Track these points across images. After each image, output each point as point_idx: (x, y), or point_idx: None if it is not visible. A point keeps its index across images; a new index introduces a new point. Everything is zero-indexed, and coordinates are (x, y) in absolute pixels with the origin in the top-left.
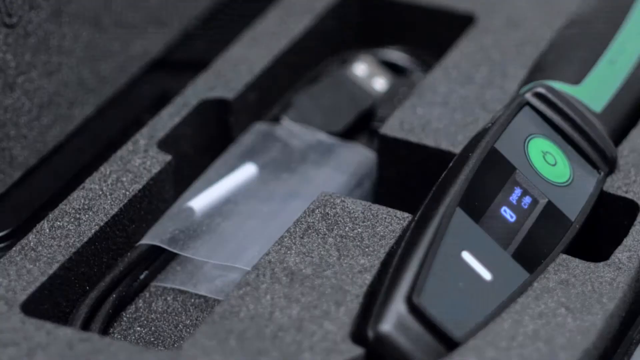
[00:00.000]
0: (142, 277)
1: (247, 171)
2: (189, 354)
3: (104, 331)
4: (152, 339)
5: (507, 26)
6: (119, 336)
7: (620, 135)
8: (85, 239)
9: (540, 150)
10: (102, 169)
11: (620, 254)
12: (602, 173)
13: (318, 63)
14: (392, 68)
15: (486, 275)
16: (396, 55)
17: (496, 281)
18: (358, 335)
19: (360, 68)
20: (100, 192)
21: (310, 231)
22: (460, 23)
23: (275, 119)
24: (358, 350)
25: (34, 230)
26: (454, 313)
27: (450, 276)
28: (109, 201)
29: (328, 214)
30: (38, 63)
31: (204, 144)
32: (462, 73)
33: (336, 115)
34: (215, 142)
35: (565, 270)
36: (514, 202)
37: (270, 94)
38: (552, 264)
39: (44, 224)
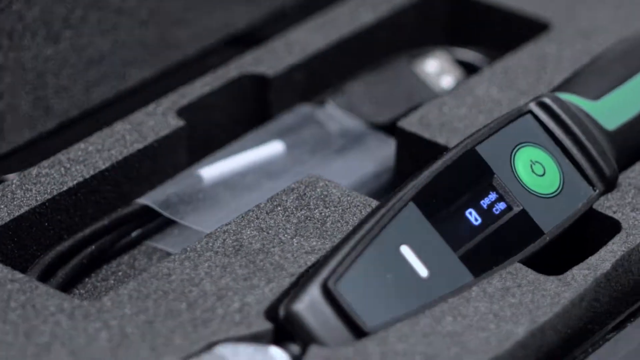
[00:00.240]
0: (134, 235)
1: (272, 148)
2: (104, 306)
3: (73, 279)
4: None
5: (578, 37)
6: (91, 286)
7: (633, 156)
8: (65, 188)
9: (529, 159)
10: (114, 125)
11: (577, 271)
12: (597, 191)
13: (389, 55)
14: (468, 68)
15: (422, 271)
16: (472, 55)
17: (432, 279)
18: (271, 311)
19: (431, 64)
20: (100, 147)
21: (278, 209)
22: (535, 29)
23: (323, 103)
24: (267, 326)
25: (21, 174)
26: (372, 303)
27: (379, 267)
28: (104, 156)
29: (305, 195)
30: (91, 19)
31: (239, 118)
32: (507, 78)
33: (386, 106)
34: (252, 117)
35: (512, 278)
36: (485, 206)
37: (324, 78)
38: (502, 271)
39: (33, 170)
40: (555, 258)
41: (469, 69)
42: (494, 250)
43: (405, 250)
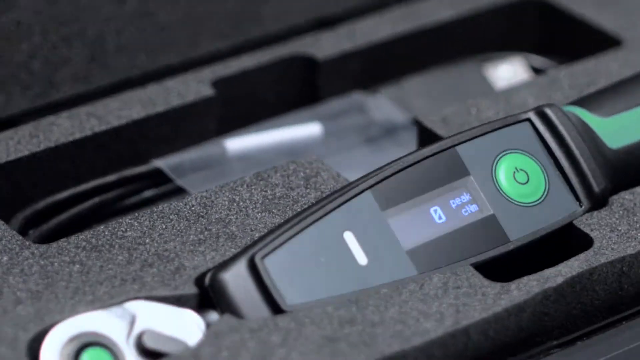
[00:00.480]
0: (145, 195)
1: (308, 130)
2: (49, 250)
3: (64, 231)
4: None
5: None
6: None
7: (636, 178)
8: (71, 139)
9: (515, 166)
10: (147, 87)
11: (526, 281)
12: (583, 207)
13: (462, 55)
14: None
15: (362, 259)
16: (549, 64)
17: (370, 268)
18: (201, 278)
19: (505, 69)
20: (123, 105)
21: (260, 183)
22: (608, 44)
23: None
24: (192, 291)
25: (36, 123)
26: (299, 283)
27: (316, 249)
28: (123, 114)
29: (292, 174)
30: None
31: (284, 98)
32: (551, 88)
33: (440, 104)
34: (299, 99)
35: (454, 279)
36: (453, 205)
37: (385, 69)
38: (449, 272)
39: (51, 119)
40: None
41: None
42: (449, 250)
43: (349, 236)
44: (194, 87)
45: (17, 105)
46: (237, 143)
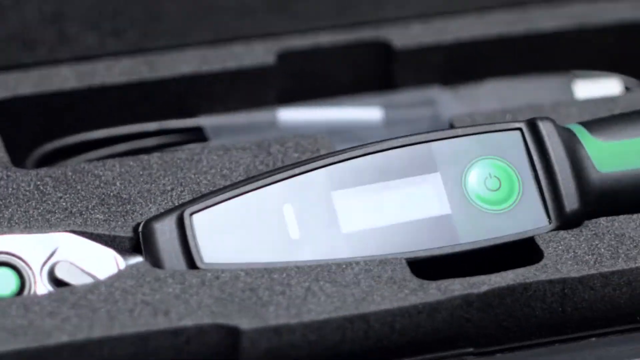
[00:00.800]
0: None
1: (366, 114)
2: (28, 175)
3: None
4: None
5: None
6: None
7: (621, 206)
8: (109, 82)
9: (488, 171)
10: (215, 46)
11: (451, 282)
12: (551, 224)
13: (558, 68)
14: None
15: (294, 233)
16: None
17: (300, 243)
18: (138, 224)
19: (597, 87)
20: (182, 60)
21: (244, 146)
22: None
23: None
24: (127, 234)
25: (88, 62)
26: (220, 244)
27: (250, 215)
28: (177, 67)
29: (280, 144)
30: None
31: (356, 79)
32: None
33: (514, 112)
34: (371, 83)
35: (379, 269)
36: (409, 198)
37: (471, 67)
38: (379, 261)
39: (105, 61)
40: None
41: None
42: (390, 240)
43: (288, 209)
44: (256, 54)
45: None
46: (290, 114)
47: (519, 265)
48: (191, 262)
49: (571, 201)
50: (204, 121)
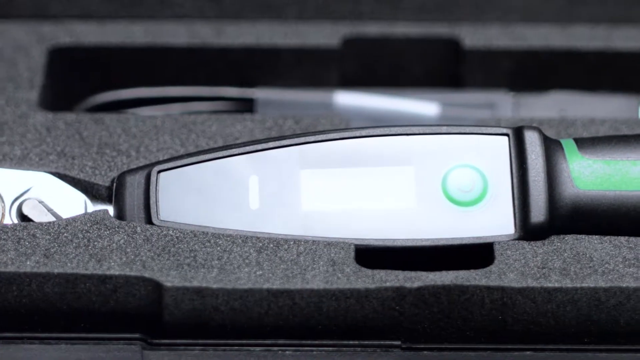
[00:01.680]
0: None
1: (423, 108)
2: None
3: None
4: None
5: None
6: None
7: (597, 227)
8: (178, 43)
9: (463, 173)
10: (286, 23)
11: (389, 274)
12: (515, 234)
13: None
14: None
15: (254, 204)
16: None
17: (257, 214)
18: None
19: None
20: (248, 32)
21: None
22: None
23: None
24: (103, 183)
25: (153, 23)
26: (180, 204)
27: (214, 182)
28: (241, 38)
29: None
30: None
31: (424, 74)
32: None
33: (566, 126)
34: (439, 79)
35: (323, 251)
36: (378, 188)
37: (544, 76)
38: (327, 243)
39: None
40: None
41: None
42: (345, 225)
43: (253, 180)
44: (321, 35)
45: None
46: (346, 98)
47: (474, 268)
48: (149, 217)
49: (537, 213)
50: (258, 93)
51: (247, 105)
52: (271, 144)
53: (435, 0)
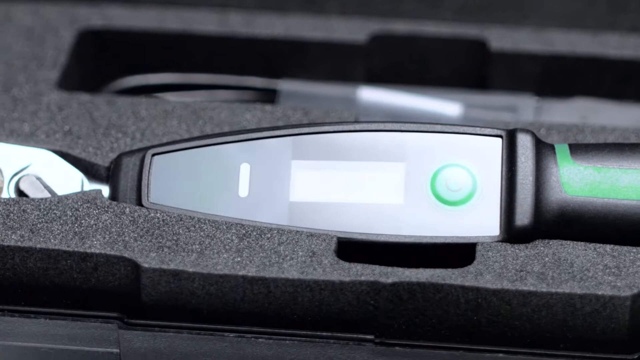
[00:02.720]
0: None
1: (446, 108)
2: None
3: None
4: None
5: None
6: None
7: (583, 233)
8: (204, 32)
9: (454, 172)
10: (316, 18)
11: (366, 268)
12: (498, 236)
13: None
14: None
15: (243, 192)
16: None
17: (245, 202)
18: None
19: None
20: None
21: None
22: None
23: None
24: (103, 163)
25: (185, 10)
26: (170, 188)
27: (206, 167)
28: (268, 26)
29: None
30: None
31: (451, 73)
32: None
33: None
34: (465, 79)
35: (305, 242)
36: (369, 182)
37: (570, 82)
38: (310, 234)
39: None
40: None
41: None
42: (331, 217)
43: (244, 168)
44: (348, 30)
45: None
46: (369, 94)
47: (456, 267)
48: (139, 199)
49: (522, 217)
50: (281, 85)
51: (270, 96)
52: (265, 133)
53: (475, 2)
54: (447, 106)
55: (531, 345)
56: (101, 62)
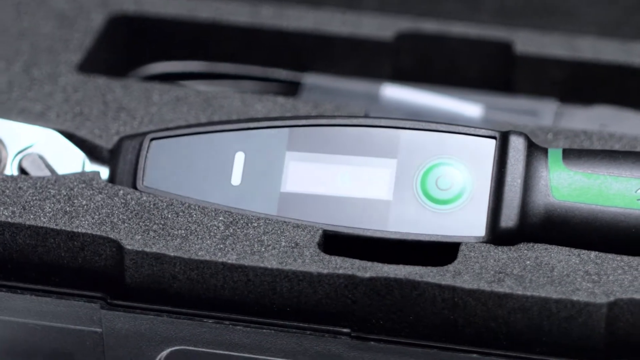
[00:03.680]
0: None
1: (466, 109)
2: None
3: None
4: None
5: None
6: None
7: (569, 239)
8: (234, 23)
9: (445, 170)
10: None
11: (345, 261)
12: (483, 237)
13: None
14: None
15: (236, 180)
16: None
17: (237, 191)
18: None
19: None
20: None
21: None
22: None
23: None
24: (106, 145)
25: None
26: (165, 172)
27: (203, 154)
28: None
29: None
30: None
31: (476, 74)
32: None
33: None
34: (490, 81)
35: (289, 233)
36: (362, 175)
37: (592, 90)
38: (295, 225)
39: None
40: None
41: None
42: (318, 209)
43: (239, 157)
44: (375, 27)
45: None
46: (392, 91)
47: (431, 263)
48: (134, 182)
49: (508, 219)
50: (305, 78)
51: (293, 89)
52: (262, 123)
53: (514, 5)
54: (468, 107)
55: (507, 348)
56: (130, 47)
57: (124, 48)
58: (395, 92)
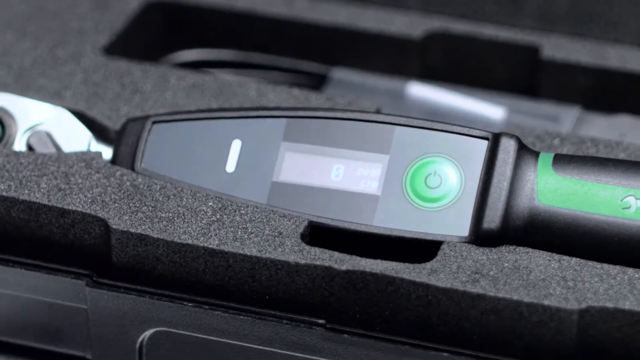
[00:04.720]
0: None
1: (489, 110)
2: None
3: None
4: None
5: None
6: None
7: (553, 244)
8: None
9: (435, 169)
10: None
11: (325, 253)
12: (466, 237)
13: None
14: None
15: (230, 167)
16: None
17: (230, 178)
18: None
19: None
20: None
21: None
22: None
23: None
24: (112, 126)
25: None
26: (163, 156)
27: (201, 140)
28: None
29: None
30: None
31: (498, 77)
32: None
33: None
34: (516, 84)
35: (274, 222)
36: (356, 171)
37: (618, 98)
38: (281, 215)
39: None
40: None
41: None
42: (306, 200)
43: (236, 144)
44: (404, 24)
45: None
46: (417, 90)
47: (413, 259)
48: (132, 164)
49: (491, 220)
50: (332, 72)
51: (320, 82)
52: (261, 112)
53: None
54: (490, 109)
55: (479, 348)
56: (163, 33)
57: (158, 34)
58: (419, 91)
